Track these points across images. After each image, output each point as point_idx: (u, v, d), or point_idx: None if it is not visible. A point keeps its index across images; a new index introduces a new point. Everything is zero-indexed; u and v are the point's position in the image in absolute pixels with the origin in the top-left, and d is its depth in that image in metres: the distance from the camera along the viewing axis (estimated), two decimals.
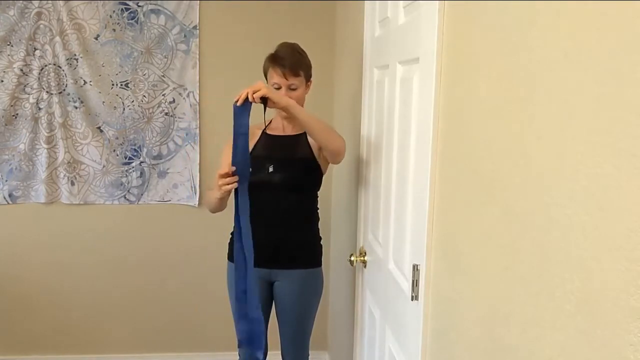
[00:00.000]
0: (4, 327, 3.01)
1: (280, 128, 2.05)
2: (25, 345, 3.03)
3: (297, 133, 2.03)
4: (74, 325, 3.04)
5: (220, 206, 1.92)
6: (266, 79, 2.00)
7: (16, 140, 2.85)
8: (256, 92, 1.63)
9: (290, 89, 1.92)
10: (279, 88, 1.93)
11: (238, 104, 1.63)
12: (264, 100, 1.68)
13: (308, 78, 2.00)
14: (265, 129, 2.05)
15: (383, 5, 1.78)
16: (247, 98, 1.63)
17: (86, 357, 3.06)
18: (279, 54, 1.94)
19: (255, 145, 2.03)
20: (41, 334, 3.03)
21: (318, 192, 2.08)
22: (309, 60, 2.00)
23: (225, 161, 2.01)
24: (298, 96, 1.93)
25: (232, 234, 2.06)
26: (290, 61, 1.91)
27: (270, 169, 1.95)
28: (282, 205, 1.98)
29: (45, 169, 2.86)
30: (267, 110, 1.74)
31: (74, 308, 3.02)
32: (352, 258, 2.03)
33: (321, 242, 2.12)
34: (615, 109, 0.62)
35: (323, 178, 2.07)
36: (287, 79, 1.91)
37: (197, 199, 2.95)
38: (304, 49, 2.02)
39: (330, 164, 2.07)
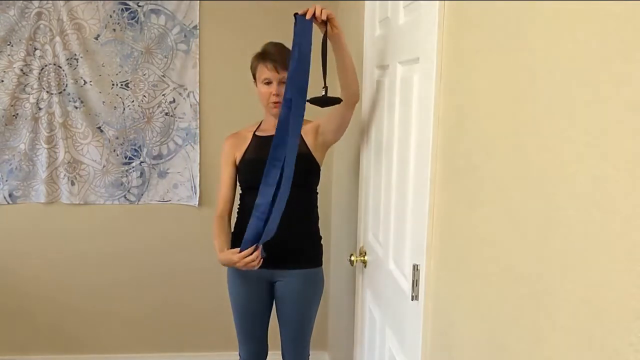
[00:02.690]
0: (4, 327, 3.01)
1: (271, 128, 2.04)
2: (25, 345, 3.03)
3: None
4: (73, 325, 3.04)
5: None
6: (254, 78, 2.02)
7: (16, 140, 2.85)
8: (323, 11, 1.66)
9: (282, 82, 1.93)
10: (269, 83, 1.95)
11: (307, 17, 1.64)
12: (325, 23, 1.69)
13: None
14: (256, 130, 2.08)
15: (383, 5, 1.78)
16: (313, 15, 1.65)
17: (86, 357, 3.06)
18: (268, 50, 1.98)
19: (247, 149, 2.04)
20: (41, 334, 3.03)
21: (317, 189, 2.08)
22: None
23: (224, 176, 2.05)
24: None
25: (233, 234, 2.06)
26: (280, 56, 1.95)
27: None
28: None
29: (46, 168, 2.87)
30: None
31: (74, 308, 3.02)
32: (352, 258, 2.03)
33: (322, 242, 2.12)
34: (615, 109, 0.61)
35: (322, 178, 2.06)
36: (278, 73, 1.94)
37: (197, 199, 2.95)
38: None
39: (326, 160, 2.07)
